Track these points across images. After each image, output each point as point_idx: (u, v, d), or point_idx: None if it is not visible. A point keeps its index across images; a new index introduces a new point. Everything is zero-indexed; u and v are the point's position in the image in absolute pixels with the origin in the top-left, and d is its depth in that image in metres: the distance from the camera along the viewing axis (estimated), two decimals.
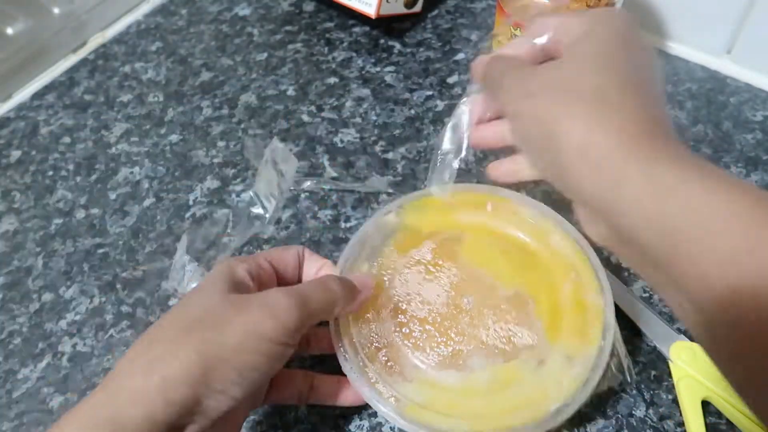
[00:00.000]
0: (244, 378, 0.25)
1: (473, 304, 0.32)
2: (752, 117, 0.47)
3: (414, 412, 0.29)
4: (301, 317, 0.27)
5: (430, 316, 0.32)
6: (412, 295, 0.33)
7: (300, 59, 0.55)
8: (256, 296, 0.27)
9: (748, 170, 0.44)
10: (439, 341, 0.31)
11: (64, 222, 0.46)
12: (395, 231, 0.35)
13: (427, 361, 0.31)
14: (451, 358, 0.31)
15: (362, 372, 0.30)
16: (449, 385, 0.30)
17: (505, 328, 0.31)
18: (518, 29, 0.40)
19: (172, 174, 0.48)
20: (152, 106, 0.53)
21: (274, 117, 0.51)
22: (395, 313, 0.32)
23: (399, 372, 0.30)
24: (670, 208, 0.21)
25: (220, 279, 0.28)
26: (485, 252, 0.34)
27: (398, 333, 0.32)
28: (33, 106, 0.55)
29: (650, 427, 0.33)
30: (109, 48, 0.59)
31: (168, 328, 0.26)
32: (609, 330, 0.31)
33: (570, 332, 0.31)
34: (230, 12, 0.61)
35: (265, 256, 0.31)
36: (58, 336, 0.40)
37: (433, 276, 0.33)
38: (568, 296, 0.32)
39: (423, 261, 0.34)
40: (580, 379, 0.29)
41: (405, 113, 0.50)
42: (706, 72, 0.50)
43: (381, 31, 0.57)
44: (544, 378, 0.30)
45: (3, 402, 0.37)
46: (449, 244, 0.34)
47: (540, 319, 0.32)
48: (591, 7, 0.38)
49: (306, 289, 0.29)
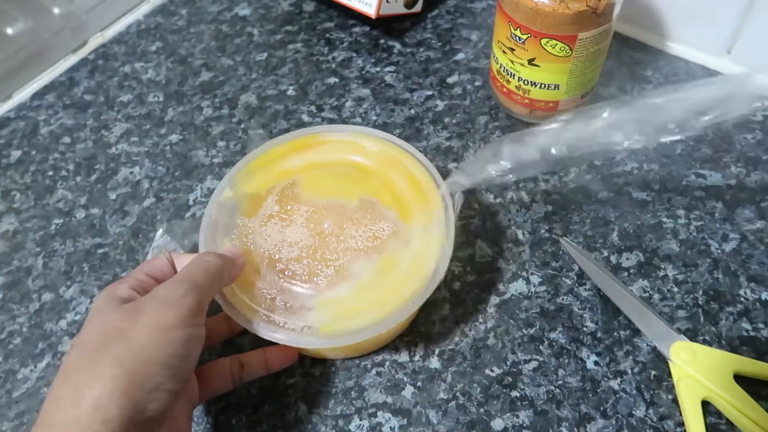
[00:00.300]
0: (170, 368, 0.26)
1: (332, 225, 0.36)
2: (752, 117, 0.47)
3: (328, 328, 0.32)
4: (197, 295, 0.28)
5: (303, 252, 0.35)
6: (279, 244, 0.35)
7: (300, 59, 0.55)
8: (146, 297, 0.28)
9: (748, 170, 0.44)
10: (320, 267, 0.34)
11: (64, 222, 0.46)
12: (238, 203, 0.37)
13: (318, 287, 0.34)
14: (337, 274, 0.34)
15: (270, 323, 0.32)
16: (346, 295, 0.33)
17: (367, 230, 0.36)
18: (518, 29, 0.41)
19: (172, 174, 0.48)
20: (152, 106, 0.53)
21: (274, 117, 0.51)
22: (272, 264, 0.35)
23: (300, 307, 0.33)
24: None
25: (107, 301, 0.29)
26: (320, 182, 0.38)
27: (283, 278, 0.34)
28: (33, 106, 0.55)
29: (650, 427, 0.33)
30: (109, 48, 0.59)
31: (79, 357, 0.26)
32: (442, 188, 0.37)
33: (416, 208, 0.36)
34: (230, 12, 0.61)
35: (139, 270, 0.32)
36: (58, 336, 0.40)
37: (288, 221, 0.36)
38: (402, 182, 0.38)
39: (273, 214, 0.37)
40: (441, 236, 0.35)
41: (405, 113, 0.50)
42: (706, 72, 0.50)
43: (381, 31, 0.57)
44: (415, 251, 0.35)
45: (3, 402, 0.37)
46: (289, 190, 0.38)
47: (390, 209, 0.36)
48: (591, 6, 0.38)
49: (188, 271, 0.30)
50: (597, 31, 0.39)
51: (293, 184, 0.38)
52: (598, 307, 0.38)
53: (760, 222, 0.41)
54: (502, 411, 0.34)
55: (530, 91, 0.44)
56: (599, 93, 0.49)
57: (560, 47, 0.40)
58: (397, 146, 0.39)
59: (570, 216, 0.43)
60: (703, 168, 0.44)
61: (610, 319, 0.37)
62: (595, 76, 0.45)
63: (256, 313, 0.33)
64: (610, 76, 0.50)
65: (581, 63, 0.41)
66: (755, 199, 0.42)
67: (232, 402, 0.36)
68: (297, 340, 0.32)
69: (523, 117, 0.48)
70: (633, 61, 0.51)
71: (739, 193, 0.43)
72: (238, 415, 0.36)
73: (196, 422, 0.35)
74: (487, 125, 0.48)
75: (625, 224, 0.42)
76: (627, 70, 0.51)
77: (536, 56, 0.41)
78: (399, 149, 0.39)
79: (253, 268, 0.34)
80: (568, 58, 0.41)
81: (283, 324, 0.32)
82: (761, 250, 0.40)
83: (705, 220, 0.41)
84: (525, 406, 0.35)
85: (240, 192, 0.38)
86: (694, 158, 0.45)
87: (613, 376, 0.35)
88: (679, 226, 0.41)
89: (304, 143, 0.40)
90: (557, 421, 0.34)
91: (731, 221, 0.41)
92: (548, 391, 0.35)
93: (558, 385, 0.35)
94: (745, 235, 0.40)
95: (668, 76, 0.50)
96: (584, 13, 0.38)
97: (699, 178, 0.44)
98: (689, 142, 0.46)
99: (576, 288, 0.39)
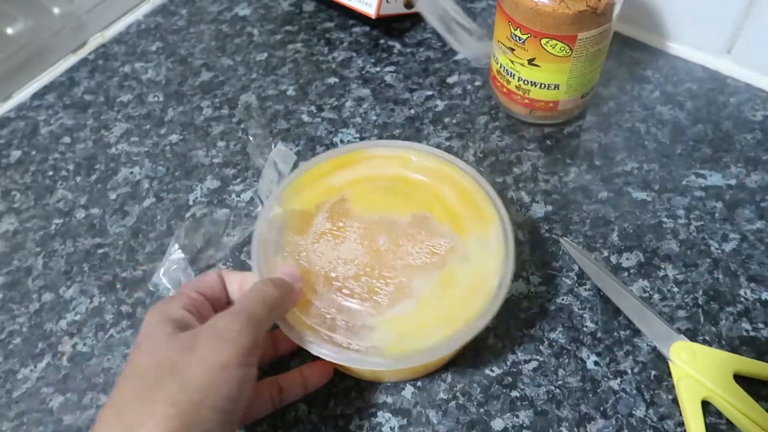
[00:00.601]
0: (222, 411, 0.25)
1: (387, 242, 0.35)
2: (752, 117, 0.47)
3: (394, 348, 0.31)
4: (254, 332, 0.27)
5: (360, 269, 0.34)
6: (334, 262, 0.34)
7: (300, 59, 0.55)
8: (203, 328, 0.27)
9: (748, 170, 0.44)
10: (379, 284, 0.33)
11: (64, 222, 0.46)
12: (287, 220, 0.37)
13: (379, 305, 0.33)
14: (397, 292, 0.33)
15: (332, 343, 0.31)
16: (409, 313, 0.32)
17: (423, 246, 0.35)
18: (518, 29, 0.41)
19: (172, 174, 0.48)
20: (152, 106, 0.53)
21: (274, 117, 0.51)
22: (329, 282, 0.34)
23: (361, 326, 0.32)
24: None
25: (160, 324, 0.28)
26: (370, 197, 0.37)
27: (341, 297, 0.33)
28: (33, 106, 0.55)
29: (650, 427, 0.33)
30: (109, 48, 0.59)
31: (131, 393, 0.26)
32: (496, 201, 0.36)
33: (470, 221, 0.36)
34: (230, 12, 0.61)
35: (189, 287, 0.31)
36: (58, 336, 0.40)
37: (341, 238, 0.35)
38: (452, 195, 0.37)
39: (325, 231, 0.36)
40: (501, 249, 0.34)
41: (405, 113, 0.50)
42: (706, 72, 0.50)
43: (381, 31, 0.57)
44: (475, 265, 0.34)
45: (3, 402, 0.37)
46: (339, 206, 0.37)
47: (444, 223, 0.36)
48: (591, 6, 0.38)
49: (246, 302, 0.29)
50: (597, 31, 0.39)
51: (343, 199, 0.37)
52: (598, 307, 0.38)
53: (760, 222, 0.41)
54: (502, 411, 0.34)
55: (530, 91, 0.44)
56: (599, 93, 0.49)
57: (560, 47, 0.40)
58: (444, 160, 0.38)
59: (570, 216, 0.43)
60: (703, 168, 0.44)
61: (610, 319, 0.37)
62: (595, 76, 0.45)
63: (318, 334, 0.32)
64: (610, 76, 0.50)
65: (581, 63, 0.41)
66: (755, 199, 0.42)
67: None
68: (364, 361, 0.31)
69: (523, 117, 0.48)
70: (633, 61, 0.51)
71: (739, 193, 0.43)
72: None
73: None
74: (487, 125, 0.48)
75: (625, 224, 0.42)
76: (627, 70, 0.51)
77: (536, 56, 0.41)
78: (446, 162, 0.38)
79: (309, 287, 0.33)
80: (568, 58, 0.41)
81: (347, 345, 0.31)
82: (761, 250, 0.40)
83: (705, 220, 0.41)
84: (525, 406, 0.35)
85: (288, 209, 0.37)
86: (694, 158, 0.45)
87: (613, 376, 0.35)
88: (679, 226, 0.41)
89: (349, 159, 0.39)
90: (557, 421, 0.34)
91: (731, 221, 0.41)
92: (548, 391, 0.35)
93: (558, 385, 0.35)
94: (745, 235, 0.40)
95: (668, 76, 0.50)
96: (584, 13, 0.38)
97: (699, 178, 0.44)
98: (689, 142, 0.46)
99: (576, 288, 0.39)
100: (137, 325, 0.40)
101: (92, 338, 0.39)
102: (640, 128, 0.47)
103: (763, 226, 0.41)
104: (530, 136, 0.47)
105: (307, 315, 0.32)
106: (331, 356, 0.31)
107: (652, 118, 0.48)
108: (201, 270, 0.41)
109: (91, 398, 0.37)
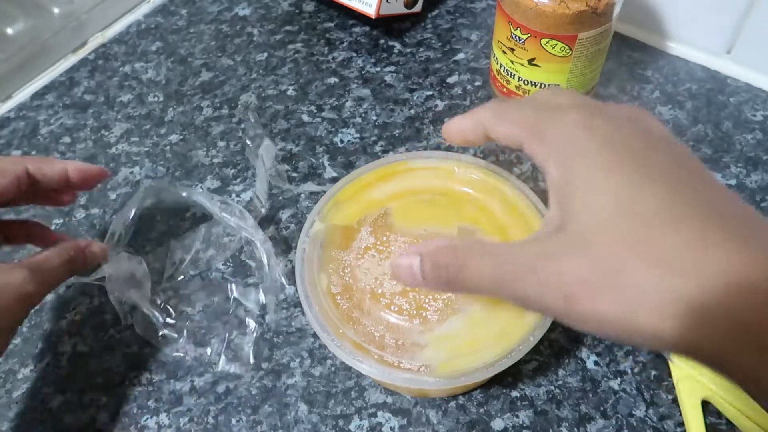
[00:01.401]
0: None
1: None
2: (752, 117, 0.47)
3: (446, 366, 0.30)
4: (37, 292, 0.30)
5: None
6: (380, 278, 0.33)
7: (300, 59, 0.56)
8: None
9: (748, 170, 0.44)
10: (427, 300, 0.32)
11: (64, 222, 0.46)
12: (329, 236, 0.36)
13: (429, 322, 0.32)
14: (447, 308, 0.32)
15: (383, 363, 0.30)
16: (459, 330, 0.31)
17: None
18: (518, 29, 0.41)
19: (172, 174, 0.48)
20: (152, 106, 0.53)
21: (274, 117, 0.51)
22: (375, 299, 0.33)
23: (411, 344, 0.31)
24: None
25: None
26: (413, 211, 0.36)
27: (389, 313, 0.32)
28: (33, 106, 0.55)
29: (650, 427, 0.33)
30: (109, 48, 0.59)
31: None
32: (543, 213, 0.35)
33: (518, 234, 0.34)
34: (230, 12, 0.61)
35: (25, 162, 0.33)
36: (58, 336, 0.40)
37: (385, 252, 0.34)
38: (501, 210, 0.35)
39: (369, 246, 0.35)
40: None
41: (405, 113, 0.50)
42: (706, 72, 0.50)
43: (381, 31, 0.57)
44: None
45: (3, 402, 0.37)
46: (382, 221, 0.36)
47: (490, 237, 0.34)
48: (591, 6, 0.38)
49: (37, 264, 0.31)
50: (597, 31, 0.39)
51: (386, 213, 0.36)
52: None
53: None
54: (502, 411, 0.34)
55: (530, 91, 0.44)
56: (599, 93, 0.49)
57: (560, 47, 0.40)
58: (489, 171, 0.37)
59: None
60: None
61: None
62: (595, 76, 0.45)
63: (369, 354, 0.31)
64: (610, 76, 0.50)
65: (581, 63, 0.41)
66: (755, 199, 0.42)
67: (232, 402, 0.36)
68: (416, 380, 0.30)
69: None
70: (633, 61, 0.51)
71: (739, 193, 0.43)
72: (238, 416, 0.36)
73: (196, 422, 0.35)
74: None
75: None
76: (627, 70, 0.51)
77: (536, 56, 0.41)
78: (492, 174, 0.37)
79: (356, 304, 0.32)
80: (568, 58, 0.41)
81: (398, 363, 0.30)
82: None
83: None
84: (525, 406, 0.35)
85: (330, 224, 0.36)
86: None
87: (613, 376, 0.35)
88: None
89: (390, 171, 0.38)
90: (557, 421, 0.34)
91: None
92: (548, 391, 0.35)
93: (558, 385, 0.35)
94: None
95: (668, 76, 0.50)
96: (584, 13, 0.38)
97: None
98: (689, 142, 0.46)
99: None
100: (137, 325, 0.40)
101: (92, 338, 0.40)
102: None
103: None
104: None
105: (355, 333, 0.31)
106: (383, 377, 0.30)
107: None
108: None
109: (91, 398, 0.37)
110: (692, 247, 0.17)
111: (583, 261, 0.19)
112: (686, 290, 0.17)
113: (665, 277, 0.17)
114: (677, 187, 0.19)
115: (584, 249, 0.19)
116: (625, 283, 0.18)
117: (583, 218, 0.19)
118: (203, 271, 0.42)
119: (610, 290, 0.18)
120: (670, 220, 0.18)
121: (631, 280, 0.18)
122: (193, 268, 0.42)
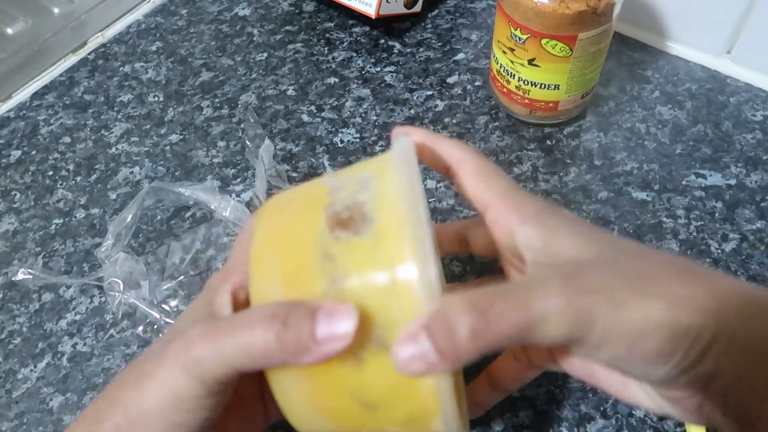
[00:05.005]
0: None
1: None
2: (752, 117, 0.47)
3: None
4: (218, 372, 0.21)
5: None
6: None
7: (300, 59, 0.55)
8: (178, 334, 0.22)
9: (748, 170, 0.44)
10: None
11: (64, 222, 0.46)
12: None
13: None
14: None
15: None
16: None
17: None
18: (518, 29, 0.41)
19: (172, 174, 0.48)
20: (152, 106, 0.53)
21: (274, 117, 0.51)
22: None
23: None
24: None
25: (195, 309, 0.25)
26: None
27: None
28: (33, 106, 0.55)
29: (650, 427, 0.33)
30: (109, 48, 0.59)
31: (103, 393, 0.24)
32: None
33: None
34: (230, 12, 0.61)
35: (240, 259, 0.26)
36: (58, 336, 0.40)
37: None
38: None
39: None
40: None
41: (405, 113, 0.50)
42: (706, 72, 0.50)
43: (381, 31, 0.57)
44: None
45: (3, 402, 0.37)
46: None
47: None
48: (591, 6, 0.38)
49: (231, 326, 0.22)
50: (597, 31, 0.39)
51: None
52: None
53: (760, 222, 0.41)
54: (502, 411, 0.34)
55: (530, 92, 0.44)
56: (599, 93, 0.49)
57: (560, 47, 0.40)
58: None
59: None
60: (703, 168, 0.44)
61: None
62: (595, 76, 0.45)
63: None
64: (610, 76, 0.50)
65: (581, 63, 0.41)
66: (755, 199, 0.42)
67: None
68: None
69: (523, 117, 0.48)
70: (633, 61, 0.51)
71: (739, 193, 0.43)
72: None
73: None
74: (487, 125, 0.48)
75: (625, 224, 0.42)
76: (627, 70, 0.51)
77: (536, 56, 0.41)
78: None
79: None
80: (568, 58, 0.41)
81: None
82: (761, 250, 0.40)
83: (705, 220, 0.41)
84: (525, 406, 0.35)
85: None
86: (694, 158, 0.45)
87: None
88: (679, 226, 0.41)
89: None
90: (557, 421, 0.34)
91: (731, 221, 0.41)
92: (548, 391, 0.35)
93: (558, 385, 0.35)
94: (745, 235, 0.40)
95: (668, 76, 0.50)
96: (584, 13, 0.38)
97: (699, 178, 0.44)
98: (689, 142, 0.46)
99: None
100: (137, 325, 0.40)
101: (92, 338, 0.39)
102: (640, 128, 0.47)
103: (763, 226, 0.41)
104: (530, 136, 0.47)
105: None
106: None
107: (652, 118, 0.48)
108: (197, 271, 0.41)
109: (91, 398, 0.37)
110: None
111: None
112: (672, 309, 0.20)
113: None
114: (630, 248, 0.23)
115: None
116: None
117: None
118: (203, 271, 0.42)
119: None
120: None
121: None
122: (193, 268, 0.42)
